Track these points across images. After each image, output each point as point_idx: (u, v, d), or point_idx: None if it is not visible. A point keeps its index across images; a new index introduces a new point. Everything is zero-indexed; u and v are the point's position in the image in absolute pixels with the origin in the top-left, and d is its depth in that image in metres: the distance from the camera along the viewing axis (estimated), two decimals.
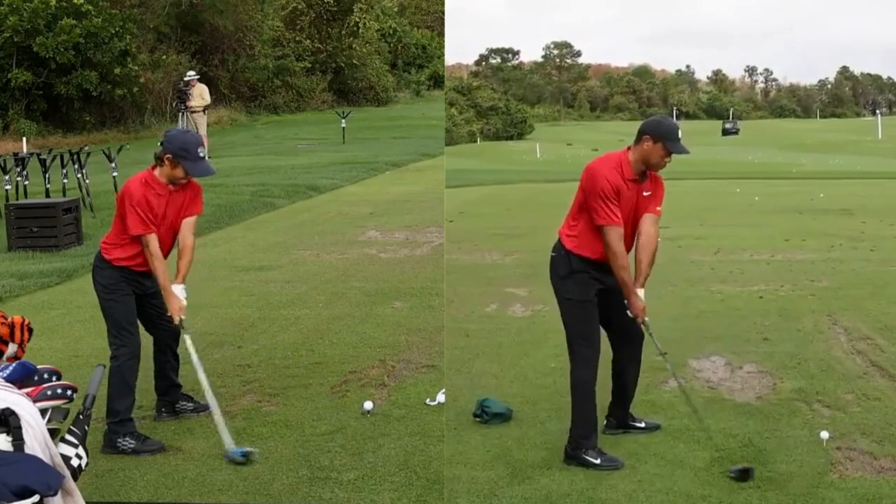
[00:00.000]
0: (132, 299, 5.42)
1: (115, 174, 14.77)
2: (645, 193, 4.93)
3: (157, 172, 5.34)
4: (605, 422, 5.36)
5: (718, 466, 4.84)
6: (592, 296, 5.00)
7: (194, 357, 5.38)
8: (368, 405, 5.72)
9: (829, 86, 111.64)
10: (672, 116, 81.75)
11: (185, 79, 22.07)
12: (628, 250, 5.02)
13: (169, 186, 5.33)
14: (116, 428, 5.27)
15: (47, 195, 13.54)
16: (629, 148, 4.95)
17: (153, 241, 5.26)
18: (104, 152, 15.15)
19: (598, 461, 4.87)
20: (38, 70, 27.47)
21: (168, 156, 5.25)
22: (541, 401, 5.93)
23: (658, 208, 4.99)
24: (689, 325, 7.71)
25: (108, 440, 5.28)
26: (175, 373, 5.79)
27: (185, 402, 5.80)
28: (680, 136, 4.90)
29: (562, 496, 4.57)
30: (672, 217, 13.45)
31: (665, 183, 5.07)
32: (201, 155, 5.34)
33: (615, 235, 4.82)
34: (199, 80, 21.92)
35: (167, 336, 5.63)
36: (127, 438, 5.25)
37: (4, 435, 2.60)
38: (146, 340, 5.96)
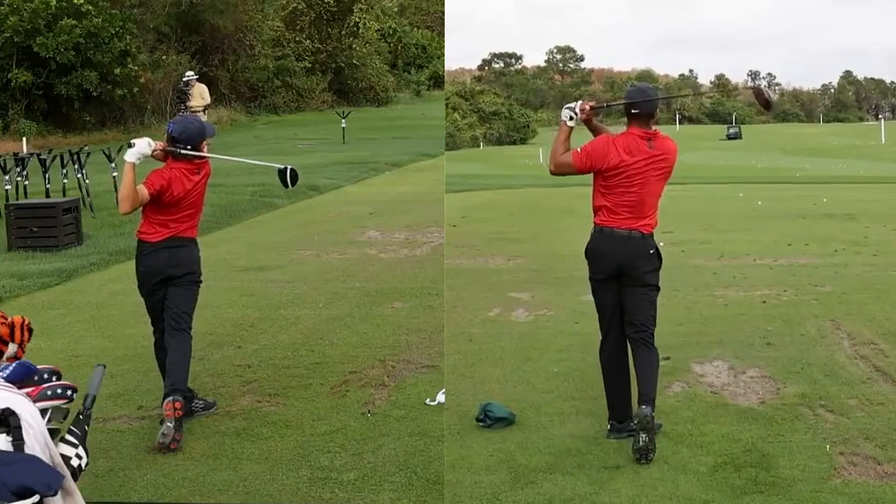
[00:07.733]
0: None
1: (115, 174, 14.71)
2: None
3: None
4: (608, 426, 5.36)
5: (722, 472, 4.82)
6: None
7: None
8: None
9: (833, 90, 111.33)
10: (675, 121, 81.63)
11: (185, 79, 22.02)
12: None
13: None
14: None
15: (47, 195, 13.50)
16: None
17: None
18: (104, 152, 15.10)
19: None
20: (39, 70, 27.43)
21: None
22: (544, 405, 5.90)
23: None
24: (692, 330, 7.68)
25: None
26: None
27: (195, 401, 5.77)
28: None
29: (565, 501, 4.55)
30: (675, 222, 13.46)
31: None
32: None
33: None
34: (199, 80, 21.91)
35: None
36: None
37: (4, 435, 2.58)
38: (147, 341, 5.95)
